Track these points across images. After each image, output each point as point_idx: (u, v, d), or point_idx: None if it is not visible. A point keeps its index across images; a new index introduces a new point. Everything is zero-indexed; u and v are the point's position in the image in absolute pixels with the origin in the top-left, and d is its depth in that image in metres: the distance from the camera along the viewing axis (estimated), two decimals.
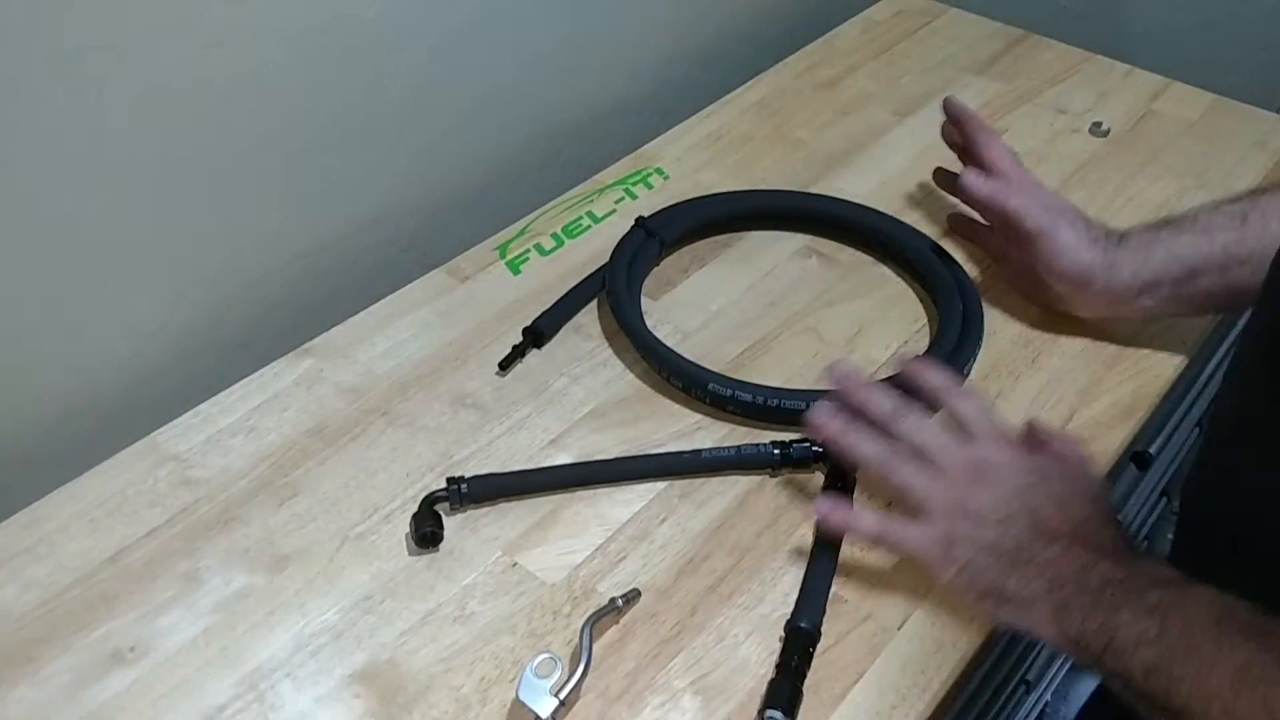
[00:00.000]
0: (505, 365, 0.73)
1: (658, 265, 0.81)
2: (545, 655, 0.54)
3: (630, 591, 0.59)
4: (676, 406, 0.70)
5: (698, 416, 0.70)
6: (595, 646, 0.56)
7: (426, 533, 0.61)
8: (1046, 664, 1.02)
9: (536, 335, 0.74)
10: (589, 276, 0.79)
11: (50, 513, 0.64)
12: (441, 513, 0.63)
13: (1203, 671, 0.46)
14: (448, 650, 0.57)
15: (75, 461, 0.66)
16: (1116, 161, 0.92)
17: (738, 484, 0.66)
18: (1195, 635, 0.47)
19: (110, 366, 0.71)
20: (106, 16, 0.61)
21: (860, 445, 0.61)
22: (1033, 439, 0.61)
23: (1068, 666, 1.13)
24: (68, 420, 0.70)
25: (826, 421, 0.62)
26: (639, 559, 0.62)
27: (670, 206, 0.83)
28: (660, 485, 0.65)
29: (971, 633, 0.58)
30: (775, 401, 0.67)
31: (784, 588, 0.60)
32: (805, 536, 0.63)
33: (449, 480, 0.64)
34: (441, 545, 0.62)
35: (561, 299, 0.77)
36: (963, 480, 0.58)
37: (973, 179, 0.75)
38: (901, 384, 0.65)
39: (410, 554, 0.62)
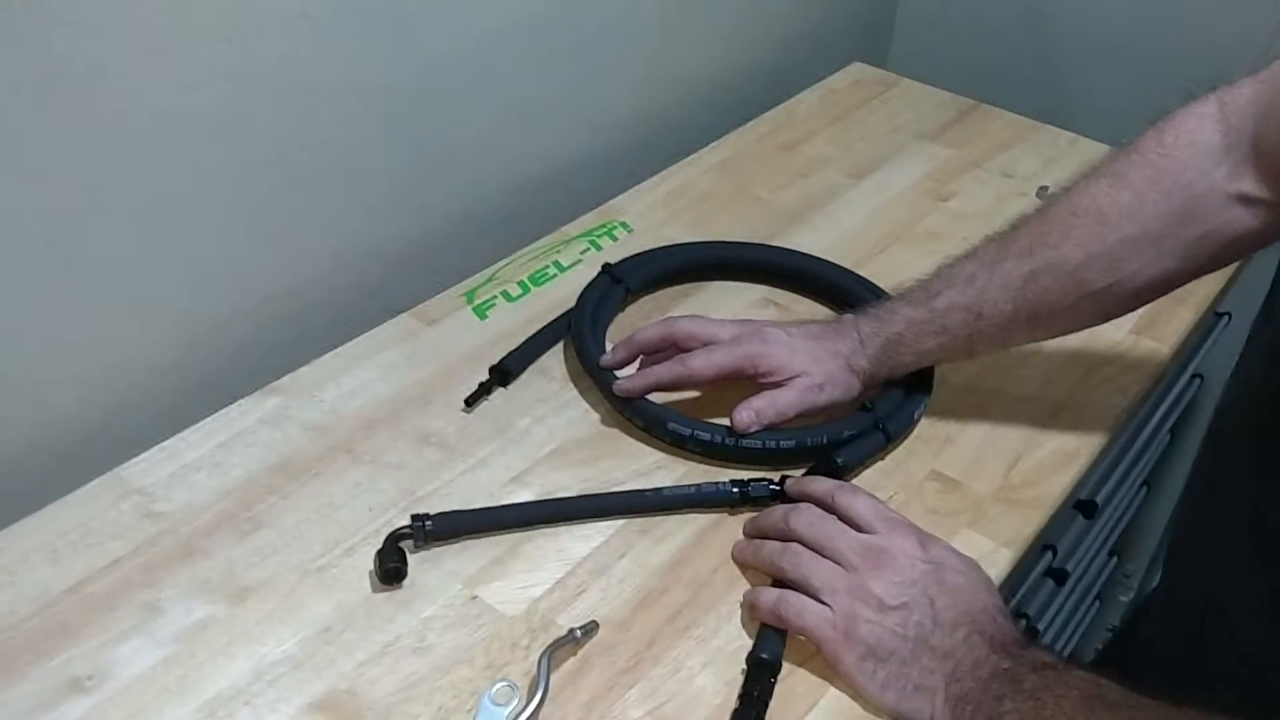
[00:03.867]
0: (471, 402, 0.74)
1: (622, 311, 0.84)
2: (503, 683, 0.54)
3: (588, 624, 0.60)
4: (637, 446, 0.72)
5: (657, 455, 0.71)
6: (553, 677, 0.57)
7: (390, 569, 0.62)
8: None
9: (503, 374, 0.76)
10: (555, 320, 0.81)
11: (10, 544, 0.64)
12: (405, 549, 0.64)
13: None
14: (406, 681, 0.58)
15: (39, 495, 0.67)
16: None
17: (696, 521, 0.67)
18: (1067, 712, 0.49)
19: (77, 401, 0.72)
20: (87, 49, 0.62)
21: (759, 551, 0.63)
22: (924, 535, 0.61)
23: None
24: (32, 454, 0.70)
25: (739, 553, 0.65)
26: (598, 593, 0.63)
27: (636, 255, 0.86)
28: (620, 521, 0.67)
29: None
30: (734, 441, 0.69)
31: (739, 621, 0.61)
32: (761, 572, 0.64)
33: (414, 517, 0.64)
34: None
35: (528, 340, 0.79)
36: (861, 566, 0.58)
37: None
38: (792, 500, 0.66)
39: (371, 587, 0.63)
